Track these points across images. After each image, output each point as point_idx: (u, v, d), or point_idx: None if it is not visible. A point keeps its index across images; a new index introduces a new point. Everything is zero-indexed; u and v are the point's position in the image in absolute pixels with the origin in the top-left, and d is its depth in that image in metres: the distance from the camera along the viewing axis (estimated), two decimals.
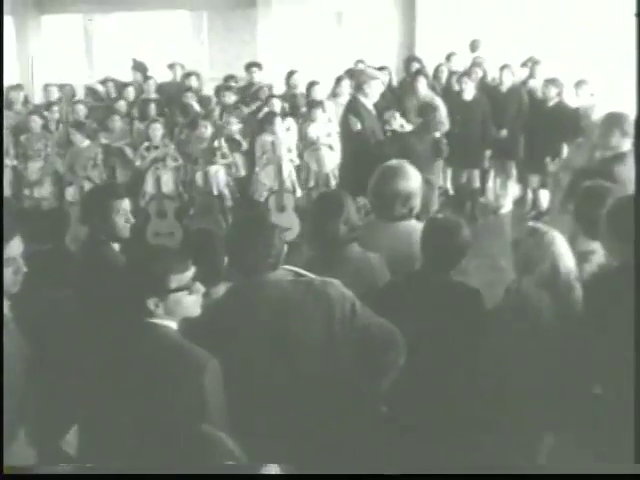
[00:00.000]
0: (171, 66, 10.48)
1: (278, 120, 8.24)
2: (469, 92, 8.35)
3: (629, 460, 2.54)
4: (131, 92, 9.55)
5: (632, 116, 5.08)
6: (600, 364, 2.92)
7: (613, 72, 9.13)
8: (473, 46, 10.07)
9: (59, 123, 9.07)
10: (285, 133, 8.31)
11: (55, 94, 9.62)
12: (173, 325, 2.62)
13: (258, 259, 2.84)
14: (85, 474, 2.34)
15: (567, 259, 3.11)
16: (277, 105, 8.70)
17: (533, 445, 3.08)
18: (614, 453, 2.76)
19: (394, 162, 3.97)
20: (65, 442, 2.59)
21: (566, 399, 2.99)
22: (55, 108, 9.23)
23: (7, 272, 2.65)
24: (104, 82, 10.19)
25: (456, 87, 8.70)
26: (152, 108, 8.96)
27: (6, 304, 2.70)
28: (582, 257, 3.28)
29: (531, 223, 3.36)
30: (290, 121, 8.63)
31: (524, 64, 9.36)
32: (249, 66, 9.85)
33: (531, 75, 9.09)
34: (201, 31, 13.86)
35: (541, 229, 3.20)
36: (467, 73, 8.79)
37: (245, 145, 8.47)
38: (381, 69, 8.83)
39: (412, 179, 3.81)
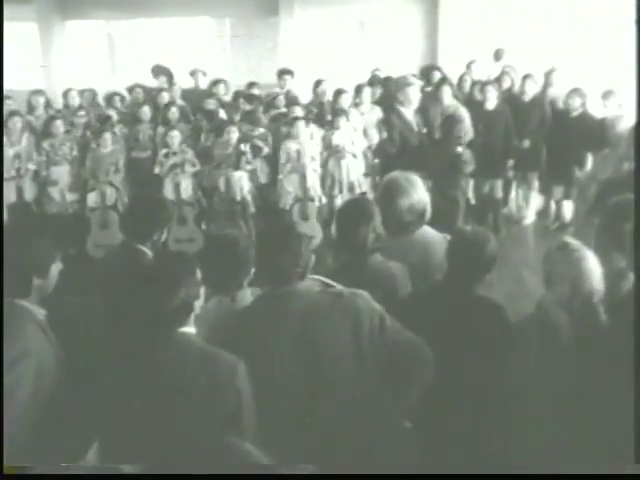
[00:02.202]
0: (193, 73, 10.48)
1: (302, 127, 8.24)
2: (492, 102, 8.27)
3: (629, 460, 2.49)
4: (165, 97, 9.49)
5: None
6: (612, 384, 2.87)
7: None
8: (497, 55, 10.00)
9: (84, 128, 9.08)
10: (309, 141, 8.29)
11: (77, 99, 9.63)
12: (192, 331, 2.62)
13: (286, 268, 2.83)
14: (85, 474, 2.35)
15: (593, 279, 3.03)
16: (299, 112, 8.69)
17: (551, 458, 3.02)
18: (614, 453, 2.73)
19: (392, 175, 3.93)
20: (86, 461, 2.58)
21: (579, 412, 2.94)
22: (81, 113, 9.23)
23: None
24: (132, 89, 10.21)
25: (479, 96, 8.62)
26: (174, 113, 8.94)
27: (41, 312, 2.76)
28: (616, 274, 3.21)
29: (567, 238, 3.28)
30: (313, 128, 8.62)
31: (547, 74, 9.28)
32: (281, 73, 9.83)
33: (553, 85, 9.00)
34: (224, 38, 13.93)
35: (572, 245, 3.13)
36: (490, 82, 8.71)
37: (266, 151, 8.45)
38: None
39: (411, 190, 3.77)
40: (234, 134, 8.20)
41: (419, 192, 3.80)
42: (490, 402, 3.11)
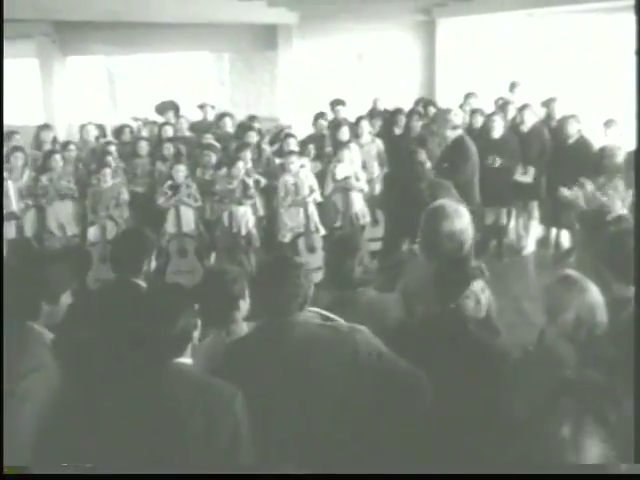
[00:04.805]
0: (202, 106, 10.58)
1: (297, 160, 8.27)
2: (498, 130, 8.30)
3: (629, 460, 2.47)
4: (169, 130, 9.56)
5: None
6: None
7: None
8: (512, 87, 10.02)
9: (79, 163, 9.13)
10: (304, 173, 8.31)
11: (92, 133, 9.68)
12: (188, 361, 2.63)
13: (286, 299, 2.82)
14: (85, 474, 2.35)
15: (596, 311, 3.02)
16: (293, 145, 8.74)
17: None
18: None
19: (441, 201, 4.03)
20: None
21: None
22: (72, 147, 9.27)
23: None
24: (135, 121, 10.32)
25: (477, 125, 8.65)
26: (179, 148, 9.03)
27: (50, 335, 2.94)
28: (616, 304, 3.19)
29: (568, 270, 3.27)
30: (305, 161, 8.64)
31: (546, 103, 9.34)
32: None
33: (553, 113, 9.04)
34: (222, 72, 14.05)
35: (573, 277, 3.12)
36: (496, 112, 8.76)
37: (263, 184, 8.51)
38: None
39: (455, 219, 3.82)
40: (241, 169, 8.21)
41: (463, 222, 3.83)
42: (489, 433, 3.08)
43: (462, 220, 3.83)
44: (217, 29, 12.24)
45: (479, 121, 8.65)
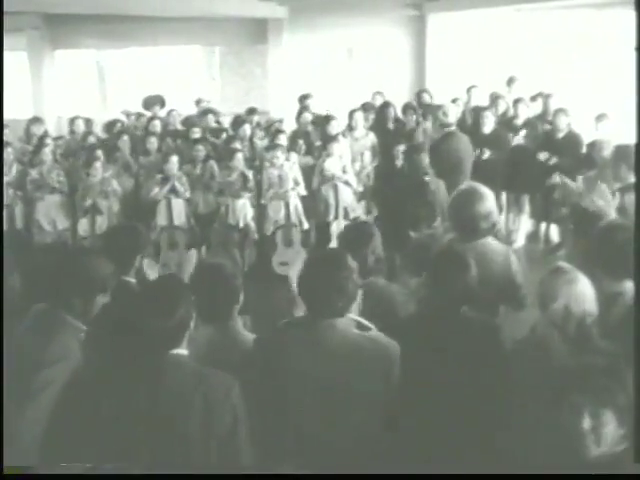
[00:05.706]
0: (198, 102, 10.61)
1: (280, 154, 8.27)
2: (488, 126, 8.34)
3: (629, 460, 2.50)
4: (154, 125, 9.58)
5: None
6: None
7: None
8: (509, 82, 10.04)
9: (69, 156, 9.13)
10: (289, 166, 8.33)
11: (81, 126, 9.71)
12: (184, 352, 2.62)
13: (327, 303, 2.77)
14: (85, 474, 2.35)
15: (585, 301, 3.04)
16: (283, 139, 8.75)
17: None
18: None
19: (470, 184, 4.19)
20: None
21: None
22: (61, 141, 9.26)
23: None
24: (127, 115, 10.32)
25: (469, 120, 8.68)
26: (167, 142, 9.03)
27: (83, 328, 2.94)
28: (607, 299, 3.21)
29: (560, 263, 3.30)
30: (294, 156, 8.66)
31: (534, 98, 9.37)
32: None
33: (548, 109, 9.08)
34: (213, 66, 14.02)
35: (564, 268, 3.15)
36: (487, 107, 8.80)
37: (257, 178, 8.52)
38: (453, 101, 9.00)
39: (487, 199, 3.96)
40: (240, 161, 8.21)
41: (492, 203, 3.99)
42: (489, 424, 3.10)
43: (490, 201, 3.97)
44: (208, 23, 12.23)
45: (471, 116, 8.71)
